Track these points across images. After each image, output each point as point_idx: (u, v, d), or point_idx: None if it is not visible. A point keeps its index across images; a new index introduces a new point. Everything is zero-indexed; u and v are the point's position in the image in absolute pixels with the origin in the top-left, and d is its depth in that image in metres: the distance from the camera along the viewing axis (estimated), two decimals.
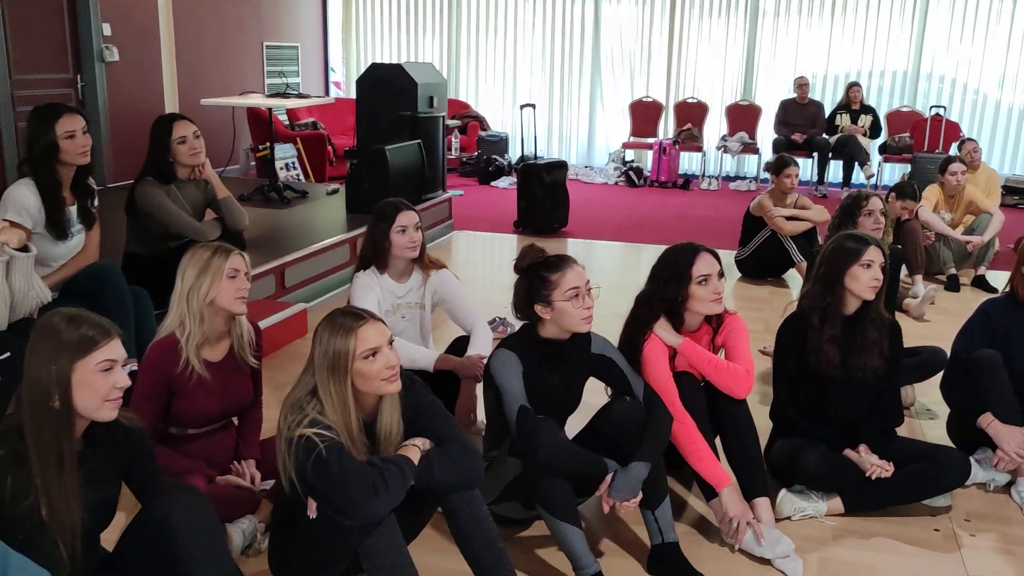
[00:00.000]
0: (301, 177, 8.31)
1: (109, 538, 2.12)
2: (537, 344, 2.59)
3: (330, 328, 2.13)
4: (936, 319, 4.92)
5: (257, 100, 7.53)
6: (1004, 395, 2.98)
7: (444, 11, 11.17)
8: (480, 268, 6.54)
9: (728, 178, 10.35)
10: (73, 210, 3.32)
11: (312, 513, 2.10)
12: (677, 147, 10.00)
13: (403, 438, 2.21)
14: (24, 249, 2.86)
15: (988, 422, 2.96)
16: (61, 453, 1.88)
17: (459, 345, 3.19)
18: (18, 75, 7.05)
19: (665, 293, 2.81)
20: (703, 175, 10.15)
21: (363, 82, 7.04)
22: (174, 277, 2.58)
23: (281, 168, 7.82)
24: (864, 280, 2.80)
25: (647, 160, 10.26)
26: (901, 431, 3.01)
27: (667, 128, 10.55)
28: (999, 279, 5.38)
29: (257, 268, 4.61)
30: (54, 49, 7.43)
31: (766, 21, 10.31)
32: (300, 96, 7.56)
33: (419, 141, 6.66)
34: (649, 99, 10.57)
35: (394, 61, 10.56)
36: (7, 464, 1.84)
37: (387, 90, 6.92)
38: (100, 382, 1.89)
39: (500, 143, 10.29)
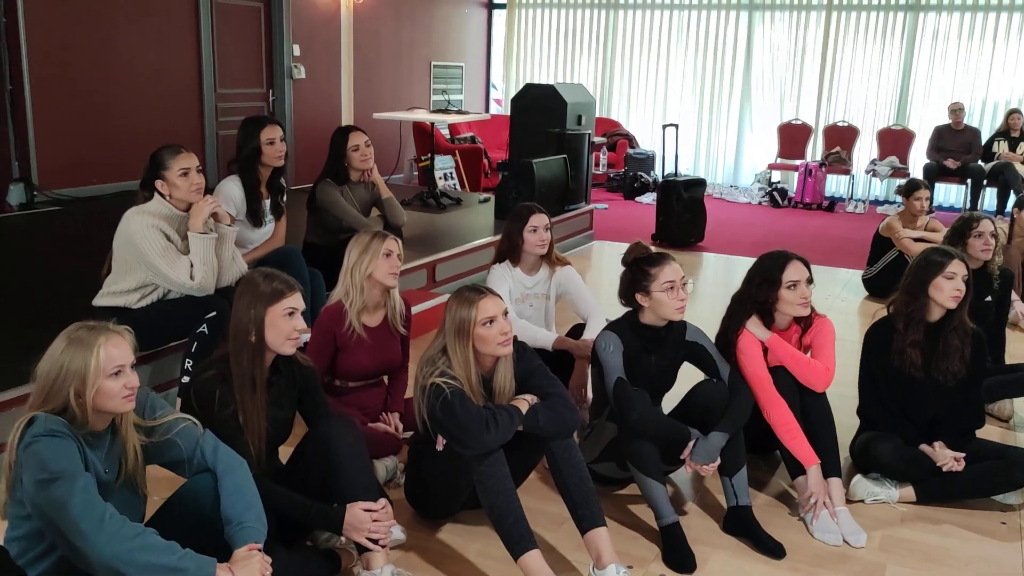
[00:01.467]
0: (457, 186, 9.01)
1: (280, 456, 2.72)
2: (637, 329, 3.02)
3: (458, 300, 2.66)
4: None
5: (422, 115, 8.28)
6: None
7: (600, 33, 11.68)
8: (614, 275, 6.93)
9: (876, 202, 10.31)
10: (267, 203, 4.04)
11: (440, 447, 2.63)
12: (824, 170, 10.07)
13: (515, 394, 2.70)
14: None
15: None
16: (254, 377, 2.48)
17: (576, 331, 3.66)
18: (222, 89, 8.09)
19: (758, 294, 3.17)
20: (850, 198, 10.16)
21: (518, 100, 7.66)
22: (342, 263, 3.20)
23: (440, 178, 8.53)
24: (947, 290, 3.07)
25: (793, 181, 10.37)
26: (993, 438, 3.21)
27: (815, 150, 10.62)
28: None
29: (412, 262, 5.26)
30: (252, 67, 8.47)
31: (923, 45, 10.23)
32: (460, 112, 8.26)
33: (564, 156, 7.18)
34: (798, 121, 10.68)
35: (551, 80, 11.22)
36: (216, 381, 2.46)
37: (539, 108, 7.50)
38: (284, 324, 2.49)
39: (647, 161, 10.67)
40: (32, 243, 5.87)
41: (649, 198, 9.89)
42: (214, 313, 3.32)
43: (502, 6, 12.12)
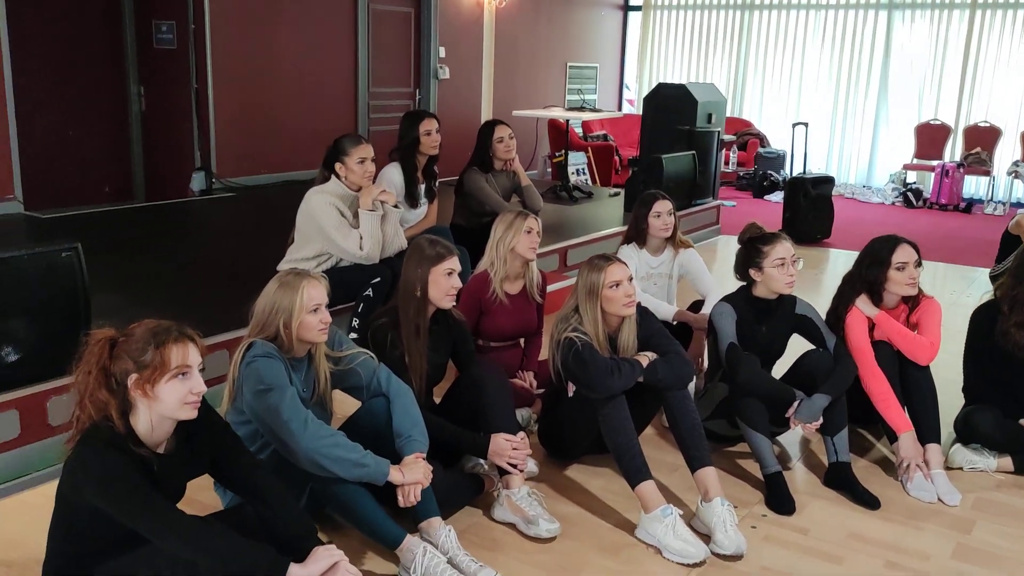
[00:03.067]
0: (589, 182, 9.42)
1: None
2: (750, 301, 3.35)
3: (589, 265, 3.08)
4: None
5: (559, 113, 8.75)
6: None
7: (734, 32, 11.83)
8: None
9: (1017, 204, 10.06)
10: (422, 188, 4.57)
11: (570, 392, 3.06)
12: (962, 171, 9.92)
13: (637, 352, 3.09)
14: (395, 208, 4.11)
15: None
16: (418, 325, 2.98)
17: (695, 307, 4.01)
18: (374, 88, 8.80)
19: (868, 274, 3.44)
20: (989, 200, 9.96)
21: (650, 99, 8.00)
22: (484, 244, 3.66)
23: (572, 173, 8.96)
24: None
25: (928, 182, 10.24)
26: None
27: (954, 151, 10.45)
28: None
29: (546, 247, 5.71)
30: (401, 68, 9.14)
31: None
32: (594, 110, 8.66)
33: (693, 152, 7.47)
34: (937, 122, 10.53)
35: (683, 80, 11.46)
36: (388, 327, 2.97)
37: (670, 106, 7.81)
38: (444, 282, 2.98)
39: (777, 160, 10.77)
40: (215, 223, 6.68)
41: (778, 197, 9.99)
42: (378, 279, 3.87)
43: (637, 8, 12.44)
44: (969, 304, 5.88)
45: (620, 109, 12.38)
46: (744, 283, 3.40)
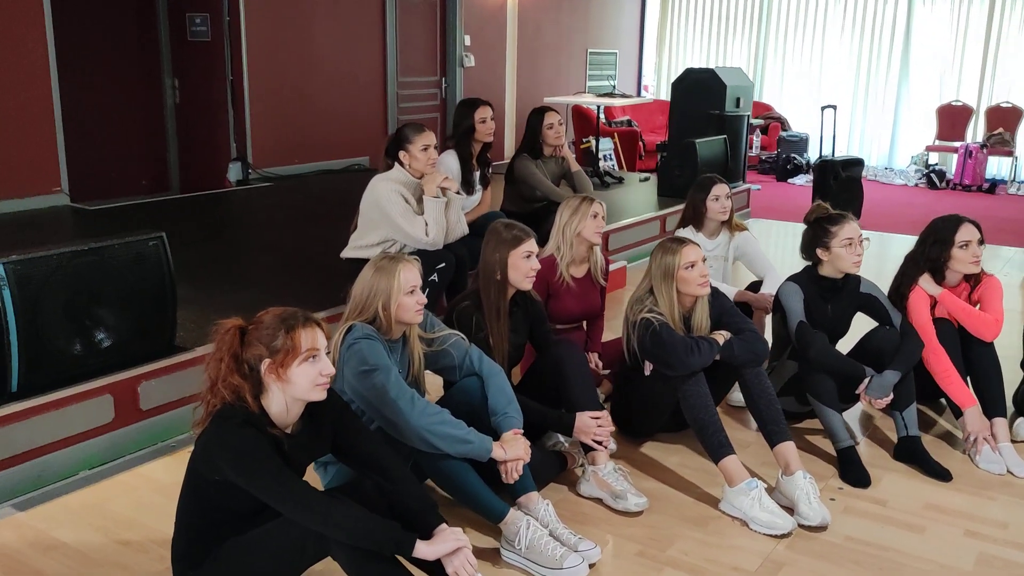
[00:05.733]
0: (615, 167, 9.48)
1: None
2: (816, 280, 3.43)
3: (663, 248, 3.16)
4: None
5: (589, 99, 8.80)
6: None
7: (754, 16, 11.86)
8: (769, 250, 7.28)
9: None
10: (477, 175, 4.65)
11: (648, 371, 3.14)
12: (985, 151, 9.97)
13: (710, 331, 3.17)
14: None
15: None
16: (499, 308, 3.06)
17: (754, 288, 4.09)
18: (402, 77, 8.85)
19: (931, 253, 3.51)
20: (1012, 180, 10.01)
21: (678, 84, 8.05)
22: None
23: (600, 159, 9.03)
24: None
25: (951, 164, 10.29)
26: None
27: (976, 132, 10.49)
28: None
29: None
30: (428, 57, 9.20)
31: None
32: (624, 96, 8.73)
33: (725, 136, 7.53)
34: (959, 103, 10.57)
35: (702, 65, 11.49)
36: (471, 309, 3.06)
37: (699, 91, 7.87)
38: (523, 264, 3.06)
39: (800, 143, 10.82)
40: (258, 211, 6.77)
41: (802, 180, 10.07)
42: (443, 264, 3.94)
43: None
44: (1008, 283, 5.97)
45: (639, 95, 12.42)
46: (810, 263, 3.47)
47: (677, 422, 3.24)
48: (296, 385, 2.09)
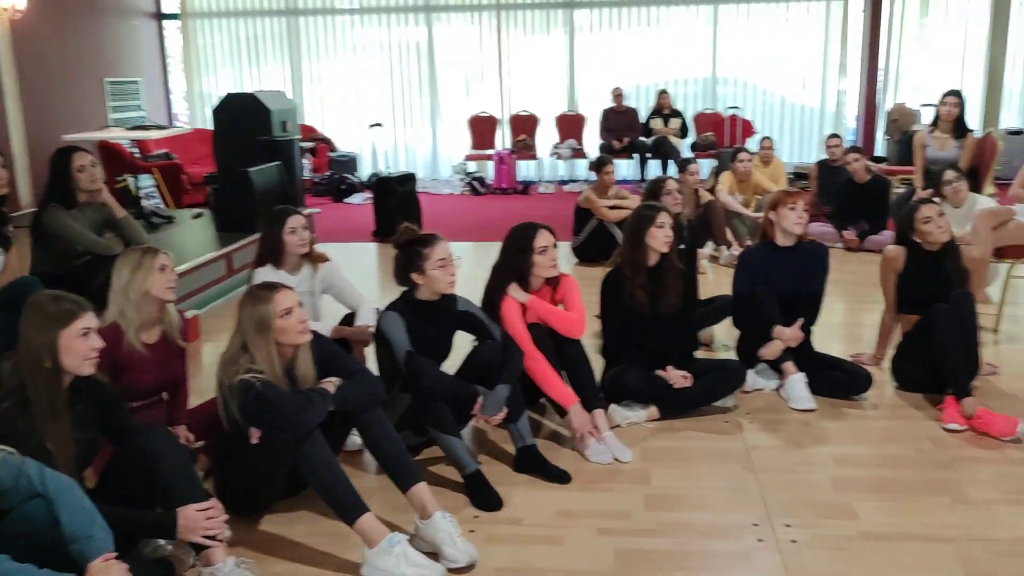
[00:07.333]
0: (161, 205, 8.64)
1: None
2: (415, 305, 3.30)
3: (252, 298, 2.79)
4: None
5: (118, 133, 7.88)
6: (774, 311, 3.90)
7: (283, 39, 11.69)
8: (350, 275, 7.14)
9: (562, 182, 11.37)
10: None
11: (255, 439, 2.73)
12: (514, 156, 10.92)
13: (316, 380, 2.87)
14: None
15: (777, 332, 3.86)
16: (54, 402, 2.44)
17: (348, 320, 3.85)
18: None
19: (514, 262, 3.58)
20: (540, 180, 11.13)
21: (220, 111, 7.52)
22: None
23: (142, 197, 8.15)
24: (660, 238, 3.68)
25: (488, 170, 11.13)
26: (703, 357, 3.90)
27: (504, 139, 11.48)
28: None
29: None
30: None
31: (582, 36, 11.47)
32: (158, 128, 7.94)
33: (279, 163, 7.21)
34: (485, 114, 11.47)
35: (238, 90, 11.01)
36: (14, 412, 2.39)
37: (243, 117, 7.42)
38: (80, 344, 2.47)
39: (350, 162, 10.90)
40: None
41: (359, 198, 10.13)
42: None
43: (175, 16, 11.68)
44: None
45: (172, 124, 11.56)
46: (406, 288, 3.33)
47: (292, 485, 2.90)
48: None
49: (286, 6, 11.60)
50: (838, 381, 3.91)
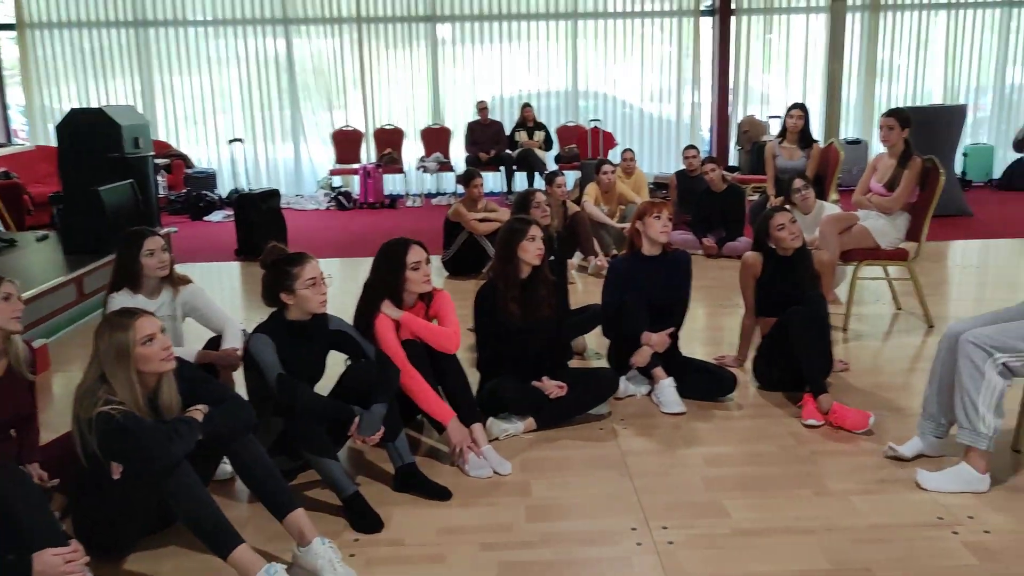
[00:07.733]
0: (1, 227, 8.08)
1: None
2: (285, 326, 3.20)
3: (110, 326, 2.63)
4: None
5: None
6: (643, 319, 4.00)
7: (133, 51, 11.20)
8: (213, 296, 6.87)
9: (429, 195, 11.35)
10: None
11: (116, 475, 2.57)
12: (380, 170, 10.83)
13: (182, 408, 2.74)
14: None
15: (645, 339, 3.95)
16: None
17: (213, 344, 3.69)
18: None
19: (386, 279, 3.53)
20: (407, 194, 11.06)
21: (64, 127, 7.10)
22: None
23: None
24: (531, 250, 3.71)
25: (355, 185, 10.98)
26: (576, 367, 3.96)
27: (369, 153, 11.36)
28: None
29: None
30: None
31: (445, 50, 11.50)
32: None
33: (131, 181, 6.88)
34: (349, 127, 11.31)
35: (83, 104, 10.48)
36: None
37: (90, 133, 7.04)
38: None
39: (208, 179, 10.53)
40: None
41: (219, 216, 9.80)
42: None
43: (10, 27, 10.97)
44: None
45: (9, 142, 10.86)
46: (275, 308, 3.23)
47: (159, 520, 2.77)
48: None
49: (134, 17, 11.11)
50: (705, 384, 4.06)
